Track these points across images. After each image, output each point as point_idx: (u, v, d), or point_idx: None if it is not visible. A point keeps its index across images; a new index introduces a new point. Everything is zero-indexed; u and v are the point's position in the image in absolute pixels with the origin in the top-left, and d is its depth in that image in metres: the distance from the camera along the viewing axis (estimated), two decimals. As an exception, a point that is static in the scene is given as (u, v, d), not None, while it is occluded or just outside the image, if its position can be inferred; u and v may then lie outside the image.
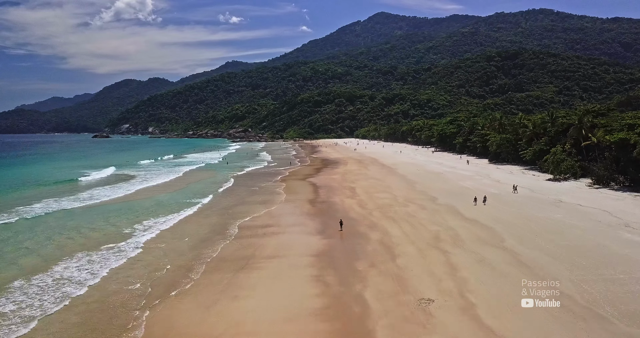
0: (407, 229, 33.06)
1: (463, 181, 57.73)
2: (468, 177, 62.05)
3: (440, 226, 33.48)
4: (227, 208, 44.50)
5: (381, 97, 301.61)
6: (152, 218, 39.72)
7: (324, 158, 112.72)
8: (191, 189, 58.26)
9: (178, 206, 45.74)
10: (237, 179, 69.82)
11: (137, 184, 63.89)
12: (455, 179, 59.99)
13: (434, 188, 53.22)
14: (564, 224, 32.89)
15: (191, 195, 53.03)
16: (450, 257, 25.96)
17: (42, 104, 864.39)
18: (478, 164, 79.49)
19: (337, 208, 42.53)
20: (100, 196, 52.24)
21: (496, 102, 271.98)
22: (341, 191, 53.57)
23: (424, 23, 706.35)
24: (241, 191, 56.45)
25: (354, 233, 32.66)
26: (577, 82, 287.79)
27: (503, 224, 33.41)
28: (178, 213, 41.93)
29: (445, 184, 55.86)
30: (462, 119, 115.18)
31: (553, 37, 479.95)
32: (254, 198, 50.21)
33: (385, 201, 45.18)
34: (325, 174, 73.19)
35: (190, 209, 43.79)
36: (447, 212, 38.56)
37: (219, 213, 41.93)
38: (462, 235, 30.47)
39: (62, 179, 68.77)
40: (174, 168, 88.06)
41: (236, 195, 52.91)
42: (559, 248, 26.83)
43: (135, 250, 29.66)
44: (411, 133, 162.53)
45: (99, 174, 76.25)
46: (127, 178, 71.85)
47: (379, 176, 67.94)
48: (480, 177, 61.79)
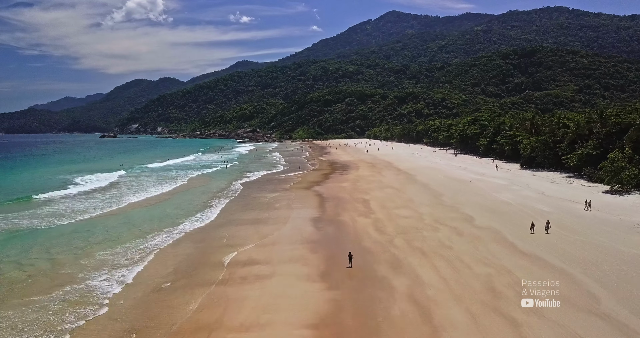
0: (445, 271, 23.62)
1: (499, 193, 48.01)
2: (503, 187, 52.24)
3: (490, 267, 24.03)
4: (210, 232, 35.39)
5: (393, 96, 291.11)
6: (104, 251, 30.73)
7: (333, 161, 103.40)
8: (174, 204, 49.29)
9: (153, 229, 36.76)
10: (231, 192, 60.75)
11: (113, 200, 55.05)
12: (489, 190, 50.28)
13: (465, 201, 43.65)
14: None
15: (172, 213, 44.07)
16: (524, 333, 16.56)
17: (54, 104, 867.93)
18: (509, 170, 69.50)
19: (347, 232, 33.23)
20: (59, 215, 43.43)
21: (514, 101, 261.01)
22: (352, 205, 44.24)
23: (436, 22, 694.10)
24: (232, 206, 47.29)
25: (371, 277, 23.32)
26: (598, 81, 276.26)
27: (582, 266, 23.75)
28: (146, 240, 32.94)
29: (478, 197, 46.23)
30: (485, 118, 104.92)
31: (569, 35, 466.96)
32: (246, 216, 41.01)
33: (408, 221, 35.74)
34: (333, 181, 63.88)
35: (165, 235, 34.72)
36: (493, 241, 29.04)
37: (199, 240, 32.80)
38: (529, 286, 20.80)
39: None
40: (167, 174, 79.32)
41: (225, 212, 43.80)
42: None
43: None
44: (427, 134, 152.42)
45: (80, 183, 67.75)
46: (108, 188, 62.95)
47: (396, 184, 58.43)
48: (518, 187, 51.94)
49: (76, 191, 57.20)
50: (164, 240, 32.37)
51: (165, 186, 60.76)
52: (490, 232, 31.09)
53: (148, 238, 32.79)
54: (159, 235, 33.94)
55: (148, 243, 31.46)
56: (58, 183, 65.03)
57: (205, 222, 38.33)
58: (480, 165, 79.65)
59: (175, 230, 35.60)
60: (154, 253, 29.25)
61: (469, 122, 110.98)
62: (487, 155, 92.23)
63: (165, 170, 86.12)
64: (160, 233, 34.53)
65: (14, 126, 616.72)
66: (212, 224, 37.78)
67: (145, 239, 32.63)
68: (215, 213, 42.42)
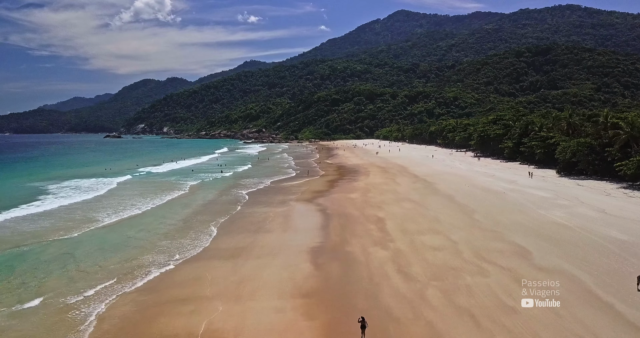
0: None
1: (546, 210, 38.36)
2: (548, 201, 42.52)
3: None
4: (171, 275, 26.24)
5: (404, 95, 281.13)
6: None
7: (341, 165, 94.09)
8: (142, 225, 40.29)
9: (95, 270, 27.75)
10: (218, 205, 51.65)
11: (77, 218, 46.15)
12: (531, 205, 40.65)
13: (507, 222, 34.16)
14: None
15: (133, 240, 35.04)
16: None
17: (63, 104, 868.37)
18: (545, 178, 59.63)
19: (357, 274, 23.88)
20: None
21: (529, 100, 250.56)
22: (363, 226, 34.93)
23: (445, 21, 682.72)
24: (214, 226, 38.17)
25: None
26: (617, 79, 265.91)
27: None
28: (74, 289, 23.85)
29: (521, 215, 36.64)
30: (510, 117, 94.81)
31: (582, 33, 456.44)
32: (228, 242, 31.87)
33: (440, 256, 26.31)
34: (340, 191, 54.55)
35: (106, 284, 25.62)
36: (576, 298, 19.37)
37: (149, 289, 23.56)
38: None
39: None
40: (155, 182, 70.53)
41: (202, 237, 34.67)
42: None
43: None
44: (441, 134, 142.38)
45: (53, 192, 59.03)
46: (77, 204, 54.14)
47: (414, 195, 48.99)
48: (567, 201, 42.17)
49: (41, 209, 46.89)
50: (101, 294, 22.86)
51: (147, 201, 51.38)
52: (566, 280, 21.51)
53: (78, 287, 23.48)
54: (99, 282, 24.53)
55: (73, 298, 22.23)
56: (27, 194, 55.56)
57: (172, 256, 29.11)
58: (508, 171, 69.85)
59: (127, 266, 26.52)
60: (71, 313, 20.09)
61: (490, 122, 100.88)
62: (513, 159, 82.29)
63: (156, 176, 77.35)
64: (101, 279, 25.10)
65: (22, 126, 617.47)
66: (179, 259, 28.66)
67: (72, 288, 23.40)
68: (189, 239, 33.24)
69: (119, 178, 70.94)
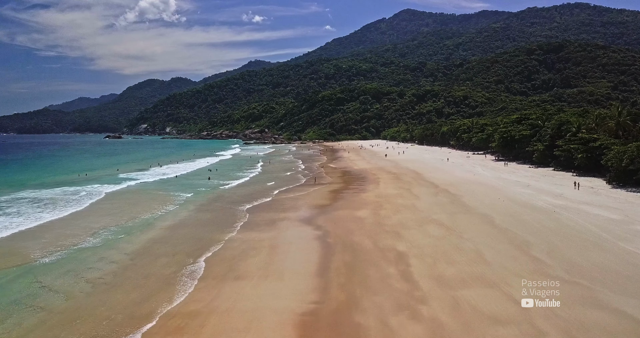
0: None
1: (632, 243, 27.70)
2: (624, 227, 31.63)
3: None
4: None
5: (411, 93, 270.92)
6: None
7: (346, 170, 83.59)
8: (65, 269, 30.12)
9: None
10: (186, 228, 41.39)
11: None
12: (606, 235, 29.87)
13: (586, 265, 23.55)
14: None
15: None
16: None
17: (69, 104, 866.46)
18: (596, 190, 48.77)
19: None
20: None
21: (543, 98, 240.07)
22: (379, 271, 24.45)
23: (452, 20, 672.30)
24: (166, 268, 27.90)
25: None
26: (635, 77, 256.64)
27: None
28: None
29: (602, 254, 25.86)
30: (537, 117, 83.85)
31: (592, 31, 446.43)
32: (180, 304, 21.69)
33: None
34: (345, 206, 44.04)
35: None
36: None
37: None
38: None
39: None
40: (122, 194, 60.43)
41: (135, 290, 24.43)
42: None
43: None
44: (455, 135, 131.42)
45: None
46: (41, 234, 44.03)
47: (439, 213, 38.44)
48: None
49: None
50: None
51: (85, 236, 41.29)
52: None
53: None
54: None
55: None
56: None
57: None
58: (543, 179, 58.97)
59: None
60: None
61: (514, 121, 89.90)
62: (544, 164, 71.46)
63: (140, 186, 67.30)
64: None
65: (27, 126, 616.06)
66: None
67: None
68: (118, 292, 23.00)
69: (91, 186, 60.66)
